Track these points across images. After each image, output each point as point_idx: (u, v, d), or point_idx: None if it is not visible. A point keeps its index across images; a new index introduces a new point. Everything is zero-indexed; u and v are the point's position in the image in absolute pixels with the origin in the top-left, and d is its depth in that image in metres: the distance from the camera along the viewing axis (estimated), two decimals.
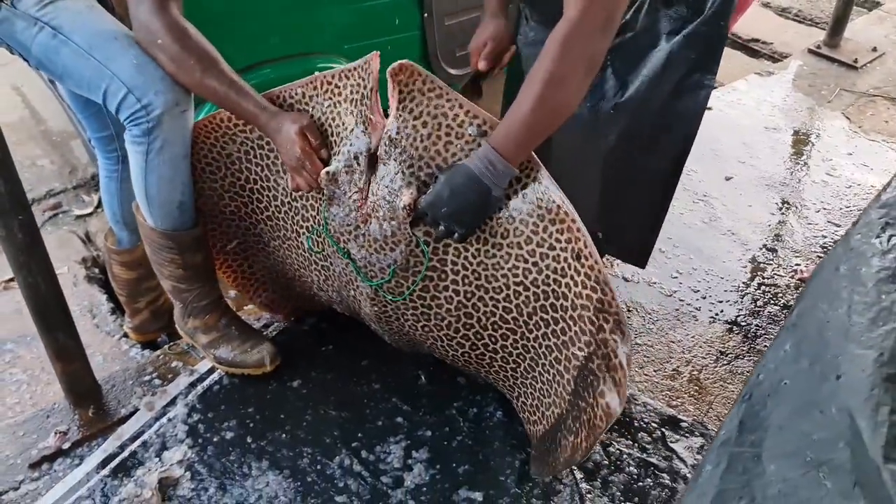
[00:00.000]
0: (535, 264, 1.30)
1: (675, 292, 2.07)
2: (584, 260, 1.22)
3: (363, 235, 1.38)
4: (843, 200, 2.51)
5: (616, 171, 1.58)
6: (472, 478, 1.51)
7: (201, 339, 1.66)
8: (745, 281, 2.13)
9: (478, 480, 1.51)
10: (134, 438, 1.55)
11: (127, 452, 1.52)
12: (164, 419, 1.59)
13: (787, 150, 2.79)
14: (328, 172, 1.34)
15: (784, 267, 2.20)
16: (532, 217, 1.26)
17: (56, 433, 1.55)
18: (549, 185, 1.24)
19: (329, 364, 1.74)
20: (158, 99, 1.31)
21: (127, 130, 1.36)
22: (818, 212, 2.45)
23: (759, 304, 2.05)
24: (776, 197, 2.51)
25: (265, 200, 1.55)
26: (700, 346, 1.90)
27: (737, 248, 2.26)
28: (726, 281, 2.12)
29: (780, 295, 2.08)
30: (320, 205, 1.43)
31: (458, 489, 1.49)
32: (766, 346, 1.88)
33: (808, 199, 2.51)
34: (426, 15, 2.20)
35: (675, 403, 1.73)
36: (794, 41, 3.98)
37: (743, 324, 1.98)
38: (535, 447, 1.51)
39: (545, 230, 1.26)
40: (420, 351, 1.65)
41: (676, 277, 2.12)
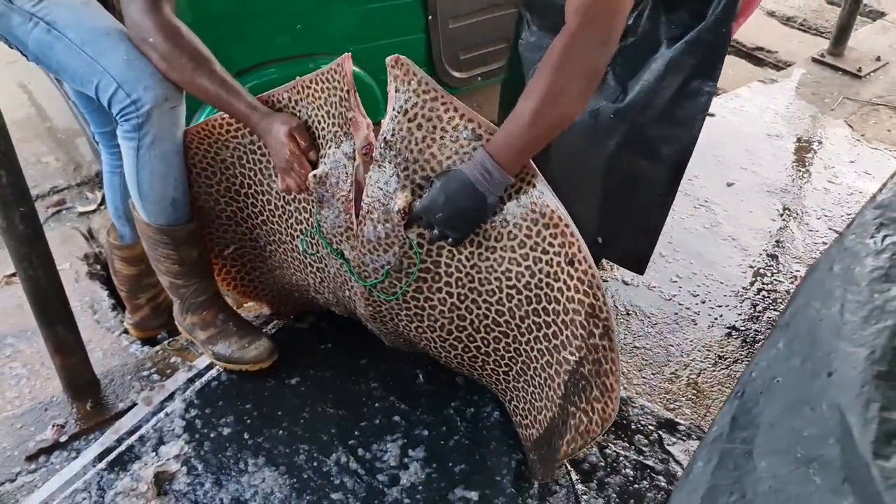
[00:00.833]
0: (527, 268, 1.29)
1: (674, 296, 2.07)
2: (577, 265, 1.22)
3: (355, 237, 1.39)
4: (844, 208, 2.51)
5: (615, 177, 1.58)
6: (469, 477, 1.51)
7: (199, 335, 1.66)
8: (744, 286, 2.13)
9: (474, 480, 1.51)
10: (131, 433, 1.55)
11: (124, 446, 1.52)
12: (161, 414, 1.59)
13: (790, 158, 2.79)
14: (315, 176, 1.35)
15: (784, 273, 2.20)
16: (526, 221, 1.26)
17: (53, 426, 1.56)
18: (544, 189, 1.24)
19: (327, 362, 1.75)
20: (148, 94, 1.32)
21: (119, 126, 1.38)
22: (819, 219, 2.45)
23: (759, 309, 2.05)
24: (777, 203, 2.51)
25: (259, 205, 1.56)
26: (699, 351, 1.90)
27: (737, 253, 2.26)
28: (726, 286, 2.12)
29: (779, 301, 2.08)
30: (312, 207, 1.44)
31: (454, 488, 1.49)
32: (757, 353, 1.87)
33: (809, 206, 2.51)
34: (431, 17, 2.22)
35: (672, 407, 1.73)
36: (798, 50, 3.99)
37: (742, 329, 1.98)
38: (531, 451, 1.50)
39: (538, 234, 1.25)
40: (417, 351, 1.65)
41: (676, 282, 2.12)
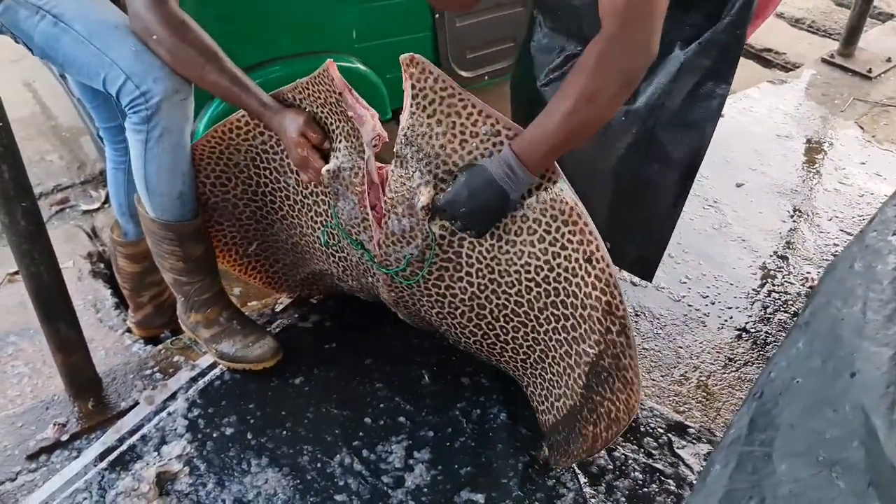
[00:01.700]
0: (546, 262, 1.32)
1: (683, 298, 2.04)
2: (595, 262, 1.24)
3: (371, 227, 1.42)
4: (855, 209, 2.48)
5: (625, 181, 1.55)
6: (474, 479, 1.49)
7: (203, 333, 1.65)
8: (754, 288, 2.10)
9: (480, 482, 1.48)
10: (133, 432, 1.53)
11: (125, 446, 1.50)
12: (163, 413, 1.57)
13: (799, 159, 2.76)
14: (328, 171, 1.38)
15: (795, 275, 2.17)
16: (545, 217, 1.28)
17: (55, 425, 1.54)
18: (564, 186, 1.25)
19: (332, 362, 1.73)
20: (157, 86, 1.31)
21: (127, 118, 1.36)
22: (830, 220, 2.42)
23: (769, 311, 2.02)
24: (787, 204, 2.48)
25: (278, 201, 1.59)
26: (708, 353, 1.87)
27: (747, 254, 2.23)
28: (736, 287, 2.09)
29: (790, 302, 2.05)
30: (330, 200, 1.46)
31: (460, 491, 1.46)
32: (775, 353, 1.85)
33: (819, 207, 2.48)
34: (437, 16, 2.20)
35: (682, 409, 1.71)
36: (807, 52, 3.95)
37: (752, 330, 1.95)
38: (548, 436, 1.52)
39: (558, 230, 1.27)
40: (438, 332, 1.66)
41: (685, 283, 2.10)
